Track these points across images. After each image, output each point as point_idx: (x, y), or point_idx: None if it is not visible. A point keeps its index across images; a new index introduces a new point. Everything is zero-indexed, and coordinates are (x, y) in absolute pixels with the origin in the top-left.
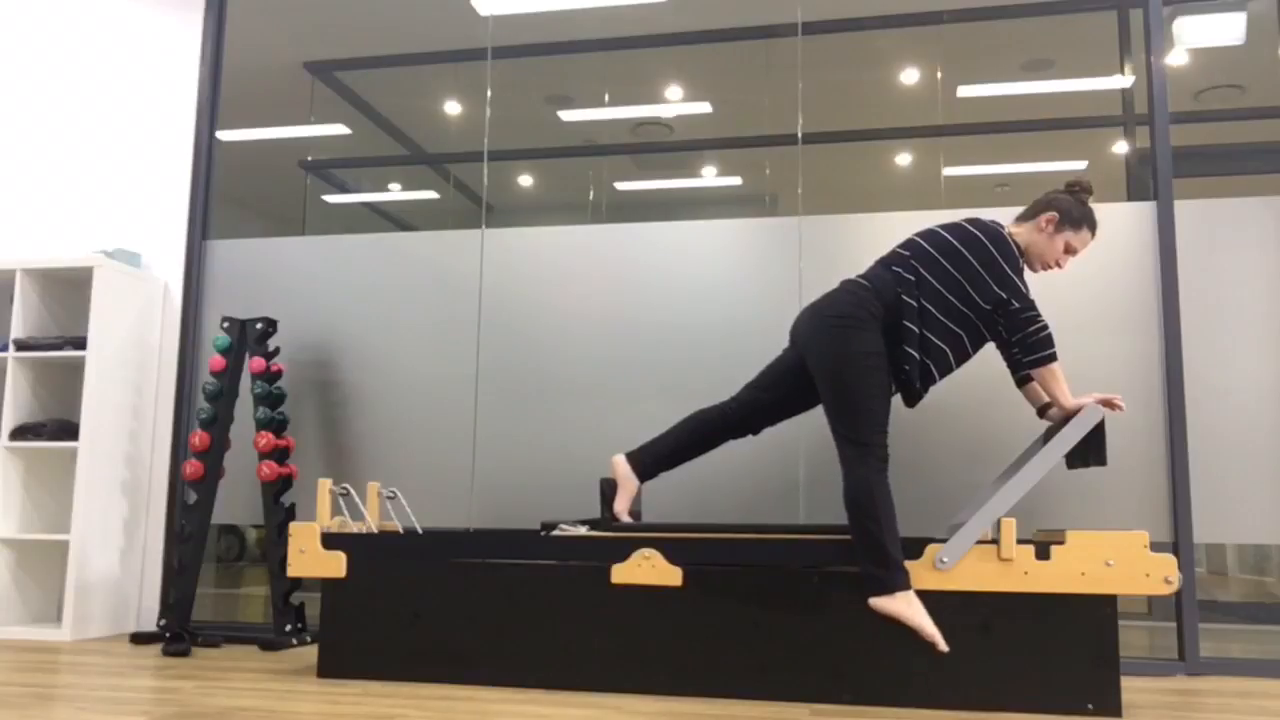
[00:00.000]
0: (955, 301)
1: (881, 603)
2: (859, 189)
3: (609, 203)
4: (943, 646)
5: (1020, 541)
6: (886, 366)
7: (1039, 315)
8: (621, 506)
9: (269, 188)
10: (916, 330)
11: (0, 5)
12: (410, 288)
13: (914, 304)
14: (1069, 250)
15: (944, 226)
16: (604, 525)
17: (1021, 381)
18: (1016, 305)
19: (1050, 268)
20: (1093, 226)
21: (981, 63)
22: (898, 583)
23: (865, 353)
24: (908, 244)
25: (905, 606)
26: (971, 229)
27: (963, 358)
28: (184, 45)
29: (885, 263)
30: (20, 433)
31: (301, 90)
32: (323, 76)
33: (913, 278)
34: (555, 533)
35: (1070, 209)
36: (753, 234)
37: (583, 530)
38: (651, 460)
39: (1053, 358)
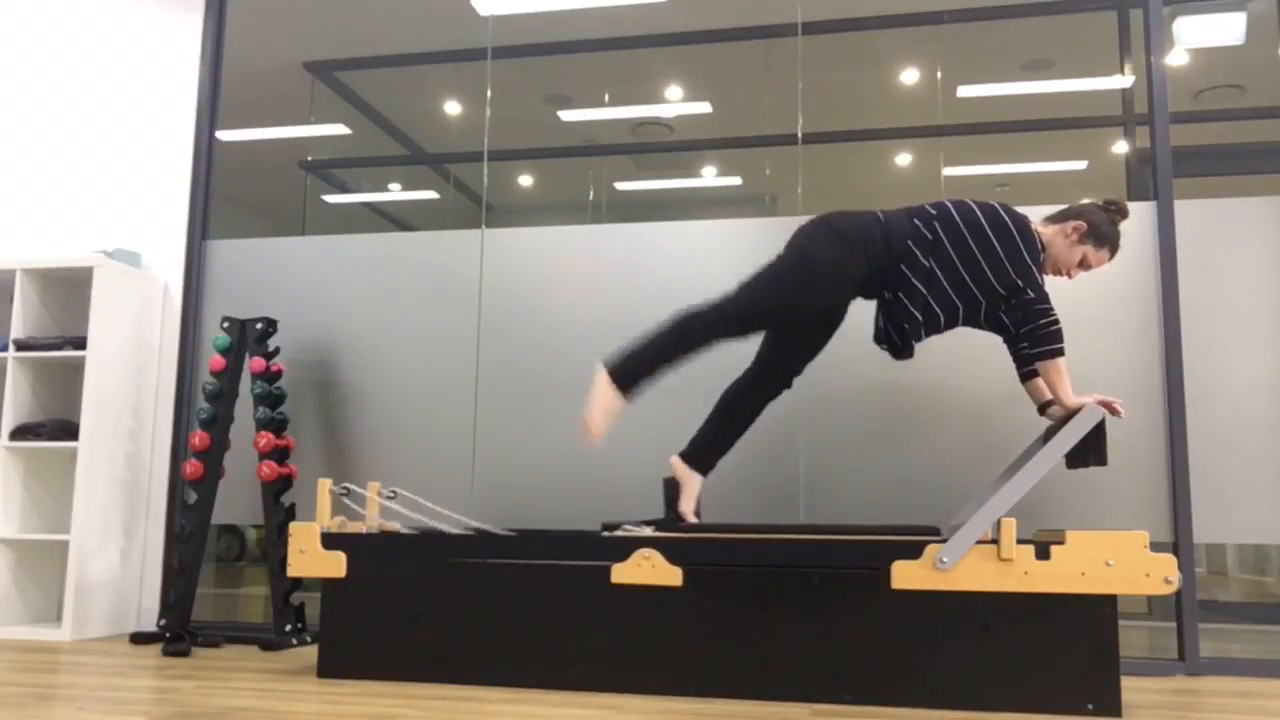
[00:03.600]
0: (965, 275)
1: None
2: (859, 189)
3: (609, 203)
4: (594, 440)
5: (1020, 541)
6: (826, 291)
7: (1052, 309)
8: (687, 506)
9: (269, 188)
10: (922, 290)
11: (1, 5)
12: (410, 288)
13: (925, 263)
14: (1084, 264)
15: (977, 202)
16: (669, 525)
17: (1026, 377)
18: (1031, 295)
19: (1059, 274)
20: (1114, 249)
21: (981, 63)
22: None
23: (825, 262)
24: (938, 205)
25: (598, 388)
26: (1002, 214)
27: (951, 326)
28: (184, 45)
29: (910, 212)
30: (20, 433)
31: (301, 90)
32: (323, 76)
33: (930, 237)
34: (619, 533)
35: (1100, 225)
36: (753, 234)
37: (648, 531)
38: (702, 452)
39: (1060, 352)
